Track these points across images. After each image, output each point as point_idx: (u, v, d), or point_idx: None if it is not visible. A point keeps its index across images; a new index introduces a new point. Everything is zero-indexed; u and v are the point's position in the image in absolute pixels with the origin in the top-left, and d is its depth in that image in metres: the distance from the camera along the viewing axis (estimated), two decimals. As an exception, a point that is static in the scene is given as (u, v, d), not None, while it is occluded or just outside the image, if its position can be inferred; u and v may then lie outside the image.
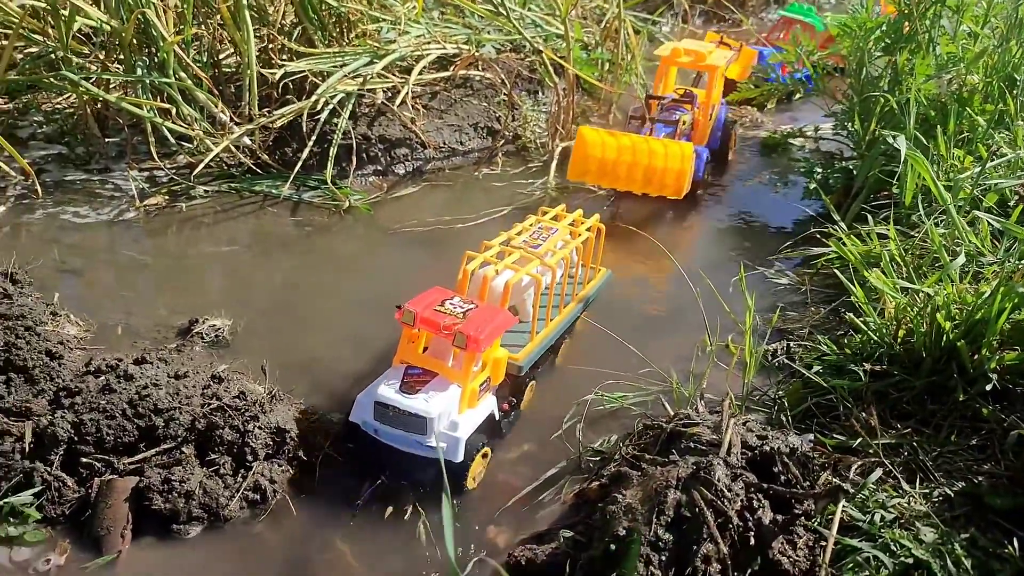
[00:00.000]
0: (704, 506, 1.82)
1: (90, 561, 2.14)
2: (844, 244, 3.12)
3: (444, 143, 4.73)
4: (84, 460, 2.30)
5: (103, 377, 2.46)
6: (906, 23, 4.00)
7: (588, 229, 3.03)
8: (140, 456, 2.29)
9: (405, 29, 4.86)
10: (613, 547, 1.86)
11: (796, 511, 1.85)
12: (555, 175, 4.51)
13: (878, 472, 1.98)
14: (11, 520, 2.16)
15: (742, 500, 1.85)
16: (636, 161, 4.00)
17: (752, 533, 1.82)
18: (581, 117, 5.38)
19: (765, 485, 1.87)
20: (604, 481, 2.27)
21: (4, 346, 2.52)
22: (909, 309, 2.41)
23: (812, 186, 4.04)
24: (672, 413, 2.37)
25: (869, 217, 3.49)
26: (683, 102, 4.49)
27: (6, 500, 2.17)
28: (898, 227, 3.22)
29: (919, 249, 2.98)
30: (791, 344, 2.97)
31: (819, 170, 4.14)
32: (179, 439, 2.32)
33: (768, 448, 1.97)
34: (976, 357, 2.19)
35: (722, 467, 1.89)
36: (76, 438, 2.31)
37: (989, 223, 2.89)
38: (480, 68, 5.02)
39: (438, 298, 2.40)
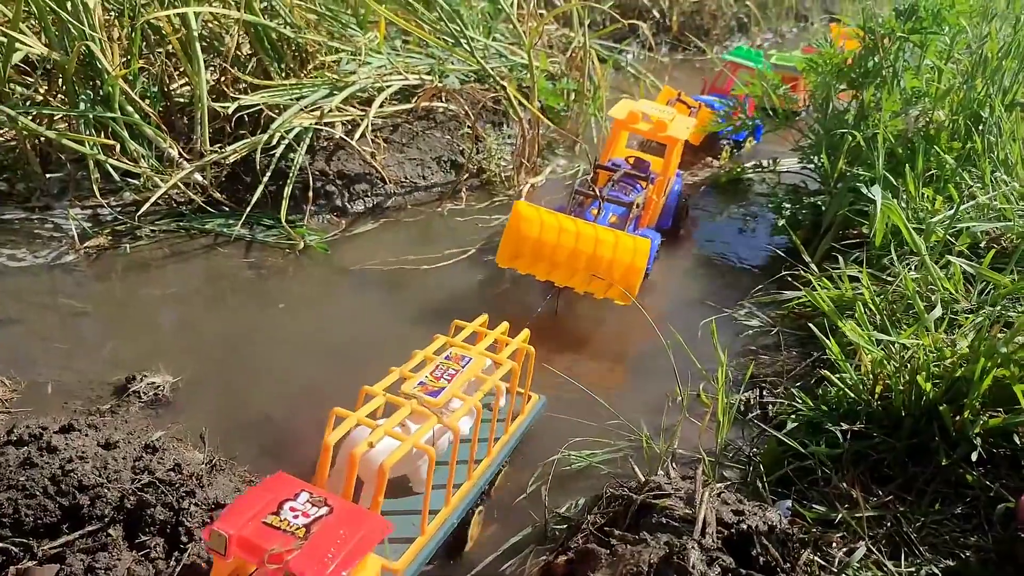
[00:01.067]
0: (678, 596, 1.68)
1: (2, 662, 1.92)
2: (816, 289, 3.02)
3: (406, 177, 4.58)
4: (0, 545, 2.08)
5: (24, 448, 2.24)
6: (871, 58, 3.97)
7: (514, 355, 2.39)
8: (62, 540, 2.08)
9: (366, 60, 4.73)
10: (580, 641, 1.71)
11: (777, 599, 1.71)
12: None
13: (862, 550, 1.86)
14: (-89, 618, 1.94)
15: (719, 588, 1.71)
16: (579, 249, 3.38)
17: (730, 624, 1.68)
18: (547, 149, 5.28)
19: (744, 572, 1.74)
20: (571, 556, 2.11)
21: (-86, 415, 2.30)
22: (886, 363, 2.31)
23: (781, 223, 3.97)
24: (642, 480, 2.22)
25: (840, 257, 3.42)
26: (637, 177, 3.82)
27: (-94, 596, 1.95)
28: (869, 269, 3.15)
29: (892, 294, 2.89)
30: (765, 396, 2.86)
31: (787, 205, 4.07)
32: (106, 519, 2.11)
33: (745, 526, 1.84)
34: (958, 419, 2.09)
35: (697, 551, 1.75)
36: (-9, 520, 2.10)
37: (962, 267, 2.81)
38: (443, 99, 4.90)
39: (276, 498, 1.63)
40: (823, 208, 3.89)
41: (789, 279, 3.36)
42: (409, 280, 3.77)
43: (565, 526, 2.36)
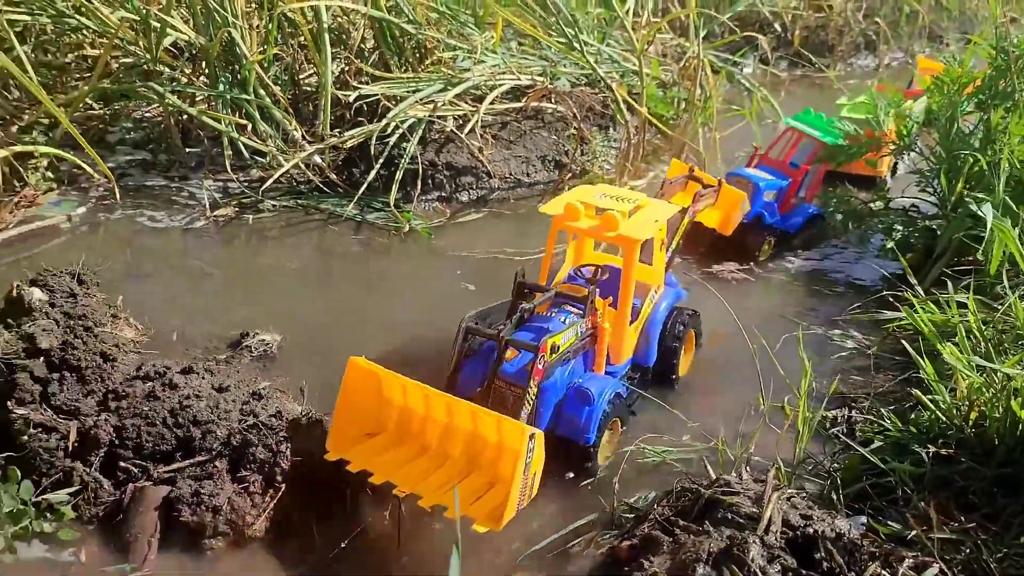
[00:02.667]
0: (735, 587, 1.71)
1: (115, 565, 2.16)
2: (919, 312, 2.93)
3: (510, 173, 4.73)
4: (122, 464, 2.34)
5: (150, 384, 2.51)
6: (1002, 80, 3.79)
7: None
8: (175, 466, 2.32)
9: (481, 58, 4.91)
10: (634, 618, 1.76)
11: (837, 603, 1.71)
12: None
13: (934, 570, 1.82)
14: (47, 516, 2.21)
15: (778, 584, 1.73)
16: (454, 425, 2.30)
17: (786, 622, 1.69)
18: (652, 155, 5.30)
19: (804, 572, 1.74)
20: (635, 542, 2.16)
21: (62, 345, 2.61)
22: (984, 390, 2.23)
23: (889, 245, 3.83)
24: (713, 477, 2.24)
25: (949, 283, 3.28)
26: (572, 300, 2.70)
27: (44, 496, 2.22)
28: (980, 297, 3.01)
29: (1002, 323, 2.77)
30: (852, 414, 2.80)
31: (899, 227, 3.93)
32: (213, 452, 2.34)
33: (812, 531, 1.84)
34: (1056, 451, 2.00)
35: (758, 546, 1.76)
36: (117, 442, 2.36)
37: (1081, 301, 2.66)
38: (552, 100, 5.02)
39: None
40: (938, 232, 3.74)
41: (890, 299, 3.25)
42: (503, 270, 3.88)
43: (633, 515, 2.41)
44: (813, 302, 3.77)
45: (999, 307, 2.89)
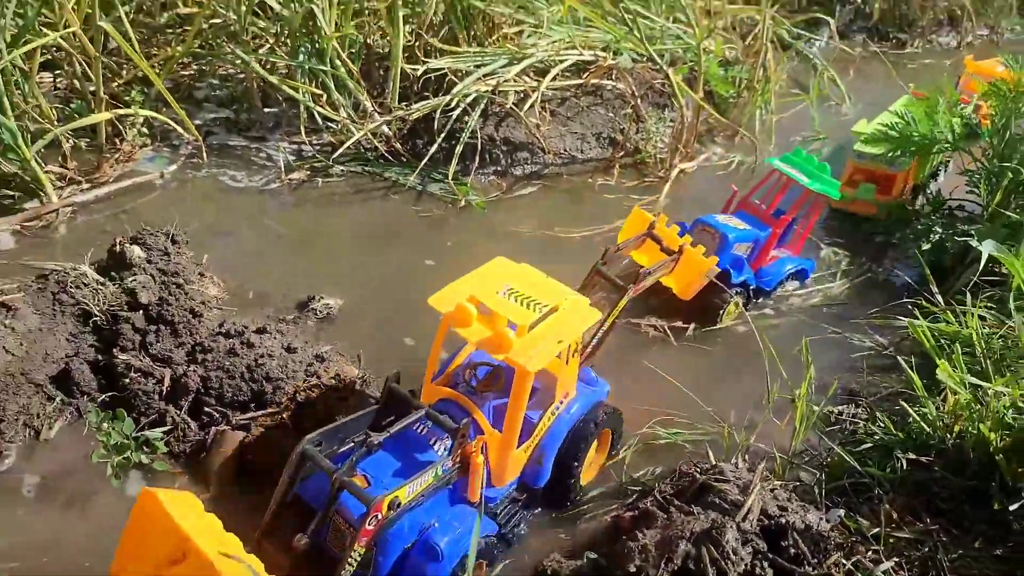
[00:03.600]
0: (708, 563, 2.01)
1: (203, 494, 2.61)
2: (935, 320, 3.09)
3: (565, 150, 4.94)
4: (206, 409, 2.77)
5: (231, 340, 2.91)
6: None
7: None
8: (249, 415, 2.73)
9: (547, 32, 5.07)
10: (622, 580, 2.09)
11: (795, 585, 2.00)
12: (667, 194, 4.62)
13: (888, 564, 2.08)
14: (144, 450, 2.66)
15: (746, 565, 2.02)
16: None
17: (749, 596, 1.99)
18: (706, 136, 5.42)
19: (771, 556, 2.03)
20: (636, 514, 2.48)
21: (158, 300, 3.04)
22: (969, 407, 2.43)
23: (925, 247, 3.93)
24: (712, 463, 2.53)
25: (978, 292, 3.40)
26: (442, 428, 2.28)
27: (143, 433, 2.67)
28: (998, 309, 3.15)
29: (1011, 340, 2.92)
30: (858, 411, 3.02)
31: (938, 230, 4.01)
32: (281, 406, 2.74)
33: (784, 521, 2.11)
34: (1021, 471, 2.20)
35: (733, 531, 2.06)
36: (203, 390, 2.78)
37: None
38: (613, 77, 5.16)
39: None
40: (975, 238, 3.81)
41: (910, 307, 3.41)
42: (554, 246, 4.14)
43: (639, 488, 2.72)
44: (845, 297, 3.92)
45: (1013, 323, 3.03)
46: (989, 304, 3.28)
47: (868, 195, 4.43)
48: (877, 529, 2.23)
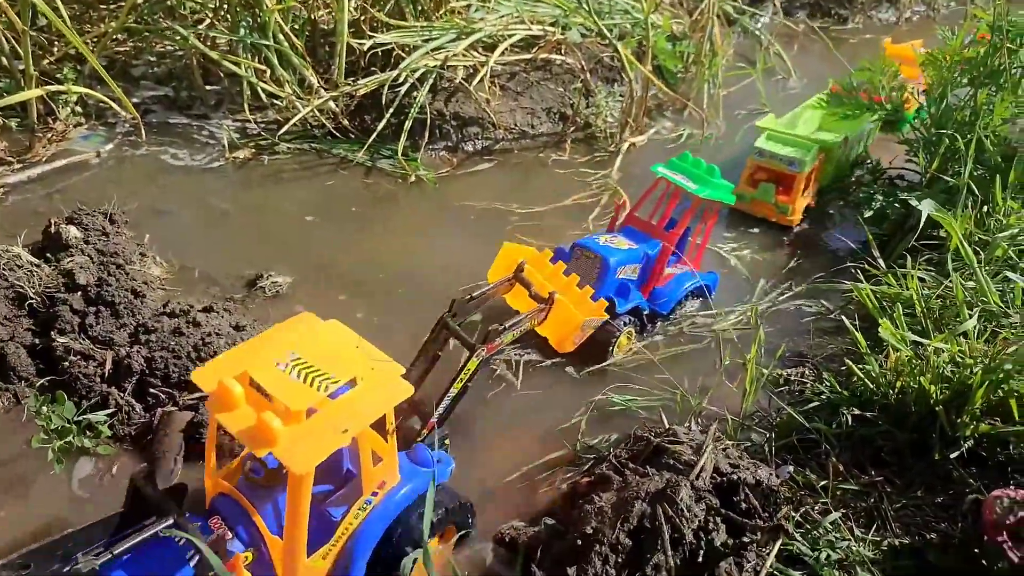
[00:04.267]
0: (663, 521, 2.04)
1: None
2: (878, 283, 3.18)
3: (515, 124, 4.92)
4: (151, 390, 2.69)
5: (175, 320, 2.83)
6: (995, 57, 3.90)
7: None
8: (197, 395, 2.66)
9: (495, 7, 5.02)
10: (579, 542, 2.11)
11: (747, 538, 2.04)
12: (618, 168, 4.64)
13: (836, 515, 2.14)
14: (87, 434, 2.57)
15: (699, 521, 2.06)
16: None
17: (703, 551, 2.03)
18: (655, 110, 5.45)
19: (724, 511, 2.07)
20: (593, 479, 2.50)
21: (97, 281, 2.93)
22: (910, 364, 2.51)
23: (868, 214, 4.03)
24: (666, 427, 2.56)
25: (911, 257, 3.51)
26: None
27: (85, 416, 2.58)
28: (936, 271, 3.26)
29: (949, 299, 3.02)
30: (805, 371, 3.09)
31: (879, 198, 4.12)
32: (230, 384, 2.67)
33: (736, 477, 2.16)
34: (959, 421, 2.29)
35: (687, 489, 2.09)
36: (147, 371, 2.70)
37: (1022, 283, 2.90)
38: (562, 52, 5.15)
39: None
40: (912, 205, 3.93)
41: (854, 271, 3.50)
42: (504, 220, 4.14)
43: (594, 456, 2.75)
44: (792, 265, 4.01)
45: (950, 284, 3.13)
46: (928, 267, 3.39)
47: (767, 196, 4.19)
48: (825, 482, 2.29)
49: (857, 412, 2.47)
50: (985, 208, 3.54)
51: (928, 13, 8.48)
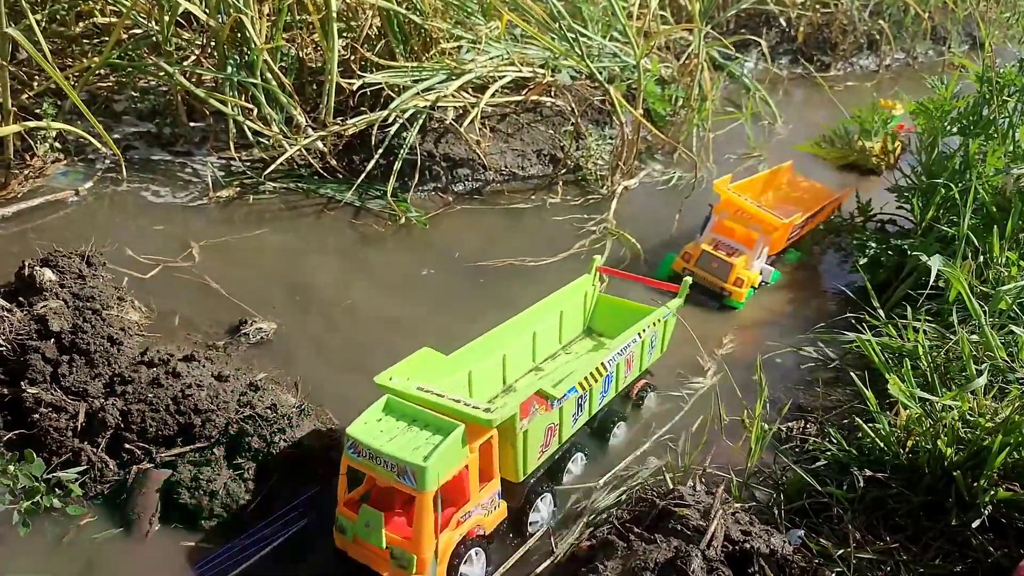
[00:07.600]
0: (675, 594, 1.92)
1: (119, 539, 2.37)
2: (881, 335, 3.12)
3: (506, 166, 4.86)
4: (127, 446, 2.53)
5: (154, 370, 2.69)
6: (985, 107, 3.93)
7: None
8: (176, 451, 2.52)
9: (485, 48, 5.00)
10: (585, 616, 1.98)
11: (763, 614, 1.93)
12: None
13: (853, 586, 2.04)
14: (57, 492, 2.41)
15: (713, 594, 1.94)
16: None
17: (717, 628, 1.91)
18: (645, 153, 5.44)
19: (737, 584, 1.96)
20: (594, 543, 2.38)
21: (72, 328, 2.78)
22: (921, 421, 2.43)
23: (862, 261, 4.00)
24: (670, 487, 2.45)
25: (908, 308, 3.45)
26: None
27: (54, 474, 2.42)
28: (937, 321, 3.21)
29: (951, 353, 2.96)
30: (807, 426, 3.00)
31: (872, 244, 4.09)
32: (212, 440, 2.53)
33: (749, 546, 2.05)
34: (976, 485, 2.20)
35: (698, 559, 1.97)
36: (123, 425, 2.55)
37: (1027, 337, 2.85)
38: (552, 94, 5.12)
39: None
40: (908, 252, 3.90)
41: (853, 321, 3.44)
42: (495, 271, 4.01)
43: (593, 517, 2.62)
44: (787, 312, 3.95)
45: (953, 336, 3.08)
46: (928, 319, 3.33)
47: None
48: (842, 551, 2.19)
49: (869, 473, 2.38)
50: (982, 258, 3.52)
51: (908, 61, 8.66)
